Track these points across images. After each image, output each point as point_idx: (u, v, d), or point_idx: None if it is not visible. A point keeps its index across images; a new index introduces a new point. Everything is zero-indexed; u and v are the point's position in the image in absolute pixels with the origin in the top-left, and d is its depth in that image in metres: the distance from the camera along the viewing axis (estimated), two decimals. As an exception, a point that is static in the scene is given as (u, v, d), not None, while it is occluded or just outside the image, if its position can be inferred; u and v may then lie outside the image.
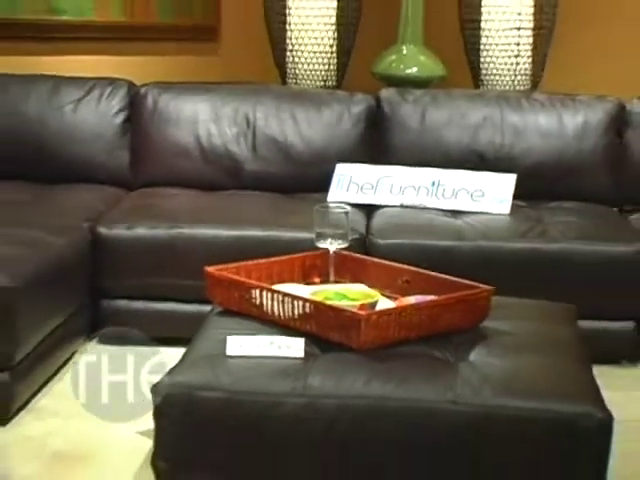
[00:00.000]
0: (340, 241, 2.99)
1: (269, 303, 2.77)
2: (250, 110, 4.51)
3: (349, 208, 3.09)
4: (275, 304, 2.76)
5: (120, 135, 4.53)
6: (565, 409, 2.42)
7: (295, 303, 2.71)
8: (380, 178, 4.28)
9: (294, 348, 2.59)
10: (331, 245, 2.99)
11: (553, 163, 4.39)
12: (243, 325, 2.76)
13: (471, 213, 4.15)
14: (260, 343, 2.59)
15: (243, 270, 2.98)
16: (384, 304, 2.78)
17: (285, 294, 2.76)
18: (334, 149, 4.44)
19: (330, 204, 3.77)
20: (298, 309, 2.71)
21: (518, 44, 5.16)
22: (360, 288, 2.88)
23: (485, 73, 5.24)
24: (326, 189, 4.26)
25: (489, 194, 4.20)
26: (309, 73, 5.17)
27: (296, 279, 3.03)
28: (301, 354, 2.59)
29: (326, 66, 5.17)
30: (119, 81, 4.61)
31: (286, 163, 4.46)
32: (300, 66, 5.16)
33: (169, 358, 2.70)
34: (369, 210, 4.20)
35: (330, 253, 3.00)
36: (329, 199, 4.17)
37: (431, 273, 2.97)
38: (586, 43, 5.68)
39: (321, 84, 5.17)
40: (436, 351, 2.65)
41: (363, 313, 2.61)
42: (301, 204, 4.15)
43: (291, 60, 5.17)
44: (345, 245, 3.02)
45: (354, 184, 4.27)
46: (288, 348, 2.59)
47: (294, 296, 2.73)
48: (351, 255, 3.12)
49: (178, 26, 5.52)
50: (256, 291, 2.81)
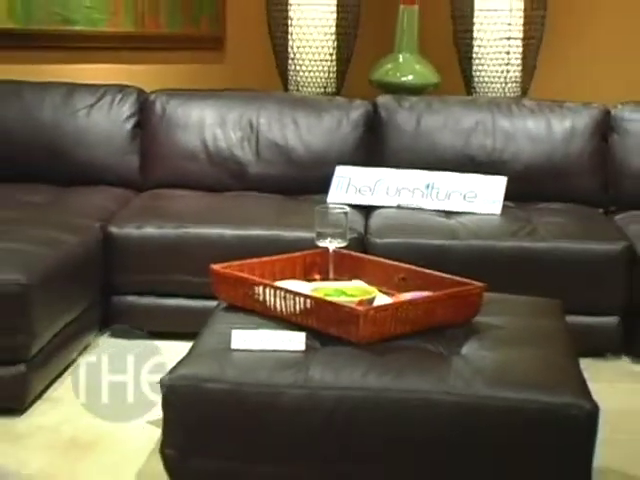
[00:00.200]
0: (339, 240, 2.98)
1: (272, 299, 2.77)
2: (254, 115, 4.50)
3: (348, 209, 3.09)
4: (277, 300, 2.76)
5: (130, 139, 4.53)
6: (553, 400, 2.42)
7: (296, 299, 2.71)
8: (377, 180, 4.28)
9: (296, 342, 2.59)
10: (331, 244, 2.98)
11: (542, 166, 4.39)
12: (247, 320, 2.76)
13: (464, 214, 4.15)
14: (263, 337, 2.59)
15: (247, 268, 2.97)
16: (381, 300, 2.77)
17: (287, 291, 2.75)
18: (334, 153, 4.43)
19: (330, 205, 3.76)
20: (299, 305, 2.70)
21: (508, 53, 5.15)
22: (358, 285, 2.88)
23: (477, 81, 5.23)
24: (326, 191, 4.26)
25: (481, 195, 4.19)
26: (310, 80, 5.16)
27: (297, 276, 3.02)
28: (302, 348, 2.58)
29: (326, 74, 5.16)
30: (129, 88, 4.61)
31: (288, 166, 4.45)
32: (301, 74, 5.15)
33: (175, 352, 2.69)
34: (367, 211, 4.19)
35: (330, 252, 3.00)
36: (329, 200, 4.17)
37: (426, 271, 2.96)
38: (572, 53, 5.67)
39: (321, 91, 5.16)
40: (430, 345, 2.64)
41: (361, 309, 2.61)
42: (302, 205, 4.14)
43: (293, 68, 5.16)
44: (344, 244, 3.01)
45: (353, 186, 4.27)
46: (290, 342, 2.59)
47: (295, 292, 2.73)
48: (350, 254, 3.11)
49: (186, 36, 5.52)
50: (259, 288, 2.81)
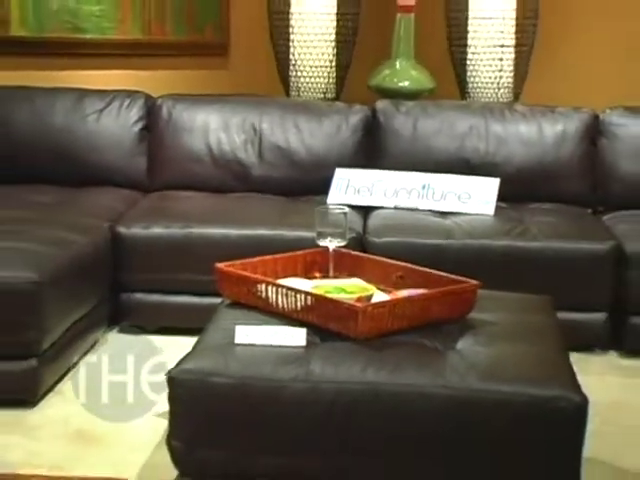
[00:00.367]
0: (339, 239, 2.98)
1: (274, 296, 2.76)
2: (257, 120, 4.50)
3: (347, 209, 3.08)
4: (279, 297, 2.75)
5: (138, 142, 4.52)
6: (545, 392, 2.41)
7: (297, 296, 2.70)
8: (375, 182, 4.27)
9: (297, 337, 2.58)
10: (331, 243, 2.98)
11: (533, 168, 4.39)
12: (250, 316, 2.75)
13: (459, 214, 4.14)
14: (266, 333, 2.58)
15: (250, 266, 2.96)
16: (379, 297, 2.76)
17: (288, 288, 2.74)
18: (334, 155, 4.43)
19: (330, 206, 3.76)
20: (300, 302, 2.70)
21: (501, 60, 5.15)
22: (357, 282, 2.87)
23: (471, 86, 5.23)
24: (326, 192, 4.25)
25: (475, 196, 4.19)
26: (310, 86, 5.15)
27: (298, 274, 3.01)
28: (303, 343, 2.57)
29: (326, 80, 5.16)
30: (137, 93, 4.61)
31: (290, 168, 4.45)
32: (302, 79, 5.15)
33: (182, 347, 2.69)
34: (365, 211, 4.19)
35: (330, 250, 2.99)
36: (329, 201, 4.16)
37: (422, 269, 2.95)
38: (563, 60, 5.67)
39: (321, 96, 5.15)
40: (427, 340, 2.64)
41: (360, 305, 2.60)
42: (303, 206, 4.14)
43: (294, 74, 5.16)
44: (343, 243, 3.00)
45: (352, 187, 4.26)
46: (291, 337, 2.58)
47: (297, 290, 2.72)
48: (349, 252, 3.10)
49: (191, 43, 5.52)
50: (262, 285, 2.80)
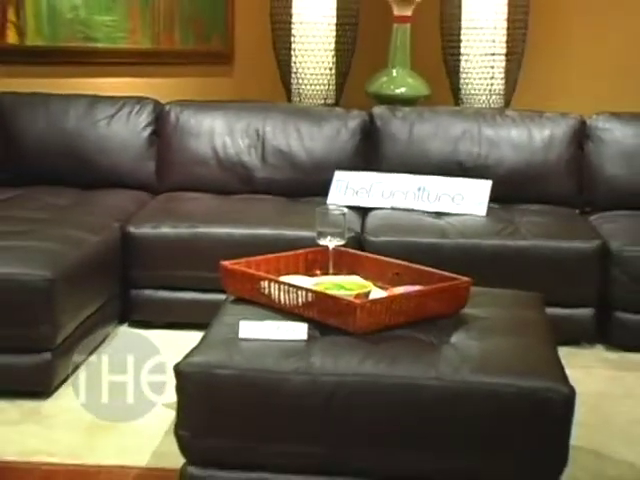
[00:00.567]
0: (338, 239, 2.97)
1: (276, 293, 2.76)
2: (260, 124, 4.49)
3: (346, 210, 3.07)
4: (281, 293, 2.74)
5: (147, 146, 4.52)
6: (534, 384, 2.41)
7: (299, 293, 2.70)
8: (373, 184, 4.27)
9: (298, 332, 2.58)
10: (330, 242, 2.97)
11: (523, 171, 4.38)
12: (254, 312, 2.74)
13: (452, 214, 4.14)
14: (268, 327, 2.58)
15: (253, 264, 2.96)
16: (377, 294, 2.76)
17: (290, 285, 2.74)
18: (333, 158, 4.42)
19: (330, 206, 3.76)
20: (301, 298, 2.69)
21: (492, 68, 5.14)
22: (356, 280, 2.86)
23: (464, 93, 5.22)
24: (326, 193, 4.25)
25: (468, 198, 4.18)
26: (311, 92, 5.14)
27: (300, 272, 3.01)
28: (304, 337, 2.57)
29: (326, 86, 5.15)
30: (146, 100, 4.61)
31: (291, 171, 4.44)
32: (303, 86, 5.14)
33: (189, 340, 2.68)
34: (364, 212, 4.19)
35: (329, 249, 2.98)
36: (329, 202, 4.16)
37: (418, 266, 2.95)
38: (551, 67, 5.66)
39: (322, 102, 5.14)
40: (422, 334, 2.63)
41: (358, 301, 2.60)
42: (304, 206, 4.14)
43: (296, 81, 5.15)
44: (343, 242, 2.99)
45: (351, 189, 4.26)
46: (293, 332, 2.57)
47: (298, 287, 2.72)
48: (348, 251, 3.10)
49: (198, 52, 5.53)
50: (265, 282, 2.80)
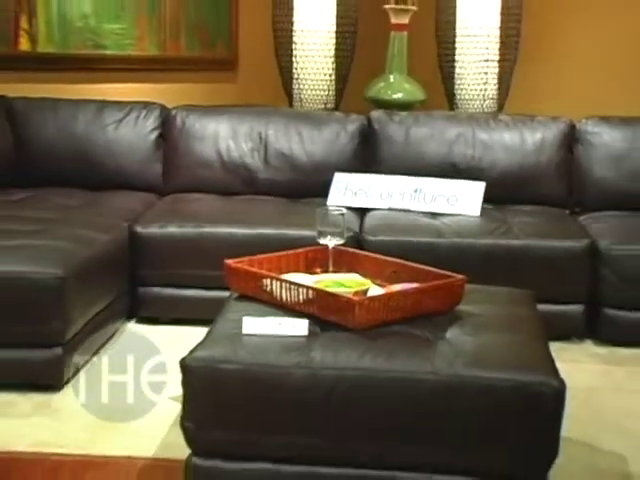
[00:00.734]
0: (338, 238, 2.97)
1: (278, 290, 2.76)
2: (262, 128, 4.49)
3: (345, 210, 3.07)
4: (283, 291, 2.74)
5: (154, 150, 4.52)
6: (526, 378, 2.40)
7: (300, 290, 2.70)
8: (371, 185, 4.27)
9: (299, 328, 2.57)
10: (330, 241, 2.97)
11: (515, 173, 4.38)
12: (256, 308, 2.74)
13: (447, 215, 4.14)
14: (271, 323, 2.58)
15: (256, 262, 2.96)
16: (375, 291, 2.76)
17: (291, 282, 2.74)
18: (333, 161, 4.42)
19: (329, 207, 3.77)
20: (302, 295, 2.69)
21: (486, 74, 5.14)
22: (355, 277, 2.86)
23: (459, 98, 5.22)
24: (326, 194, 4.25)
25: (462, 199, 4.18)
26: (312, 97, 5.15)
27: (301, 270, 3.01)
28: (305, 333, 2.57)
29: (326, 91, 5.15)
30: (153, 104, 4.61)
31: (293, 173, 4.44)
32: (304, 91, 5.15)
33: (194, 335, 2.68)
34: (362, 212, 4.19)
35: (329, 248, 2.98)
36: (328, 203, 4.16)
37: (414, 265, 2.95)
38: (543, 73, 5.67)
39: (322, 106, 5.15)
40: (418, 330, 2.63)
41: (357, 298, 2.60)
42: (305, 207, 4.14)
43: (297, 86, 5.16)
44: (342, 241, 3.00)
45: (350, 190, 4.26)
46: (294, 328, 2.57)
47: (299, 284, 2.72)
48: (347, 250, 3.10)
49: (203, 59, 5.54)
50: (267, 280, 2.80)
